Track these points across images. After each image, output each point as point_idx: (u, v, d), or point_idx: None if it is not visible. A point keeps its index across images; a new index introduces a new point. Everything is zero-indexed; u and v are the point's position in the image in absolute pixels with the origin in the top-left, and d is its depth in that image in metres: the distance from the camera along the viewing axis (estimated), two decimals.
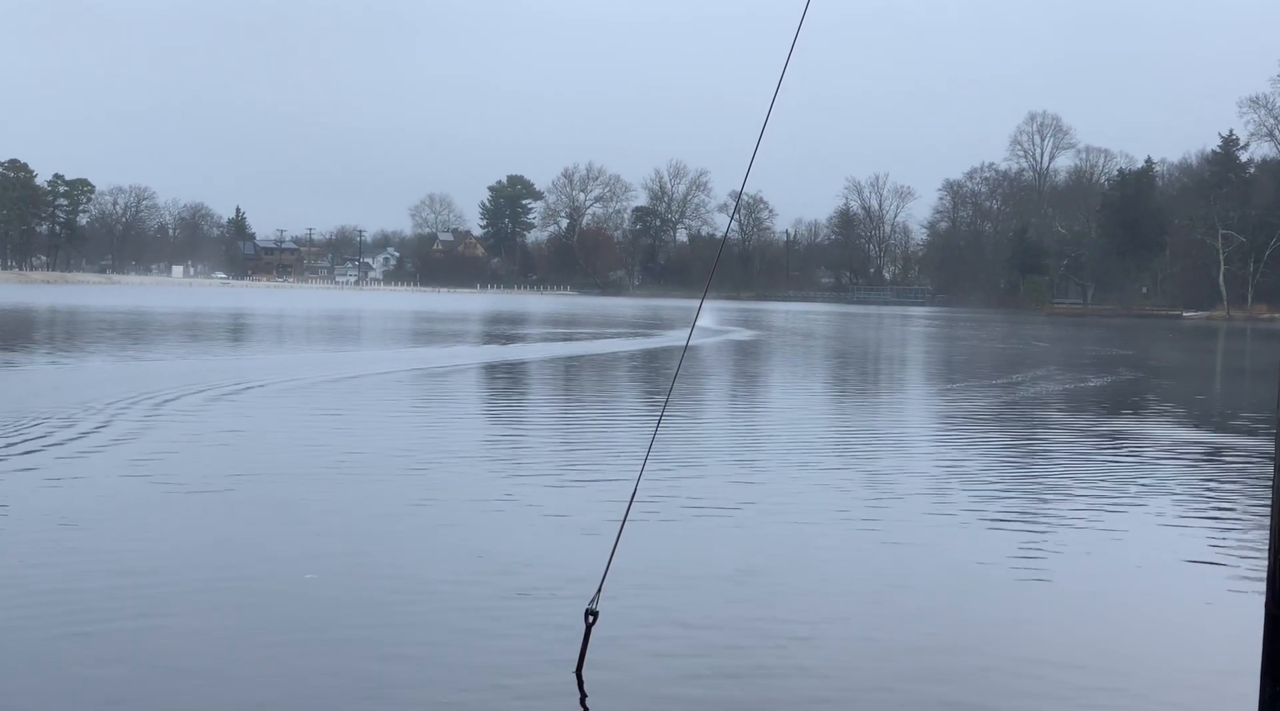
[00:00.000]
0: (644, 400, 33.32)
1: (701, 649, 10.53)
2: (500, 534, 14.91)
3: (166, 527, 14.69)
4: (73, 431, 22.32)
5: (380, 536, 14.56)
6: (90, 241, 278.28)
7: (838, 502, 17.70)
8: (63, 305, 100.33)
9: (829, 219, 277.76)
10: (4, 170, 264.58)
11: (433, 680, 9.63)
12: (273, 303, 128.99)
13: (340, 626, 10.93)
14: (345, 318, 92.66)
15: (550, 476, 19.29)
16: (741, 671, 10.04)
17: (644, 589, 12.21)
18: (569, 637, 10.18)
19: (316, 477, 18.57)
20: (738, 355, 56.37)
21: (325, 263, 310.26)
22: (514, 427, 26.33)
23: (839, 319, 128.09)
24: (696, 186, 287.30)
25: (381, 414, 27.38)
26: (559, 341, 65.19)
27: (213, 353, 48.07)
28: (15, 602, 11.24)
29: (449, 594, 12.04)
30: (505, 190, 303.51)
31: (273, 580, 12.37)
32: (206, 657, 9.96)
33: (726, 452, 22.57)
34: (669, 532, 15.15)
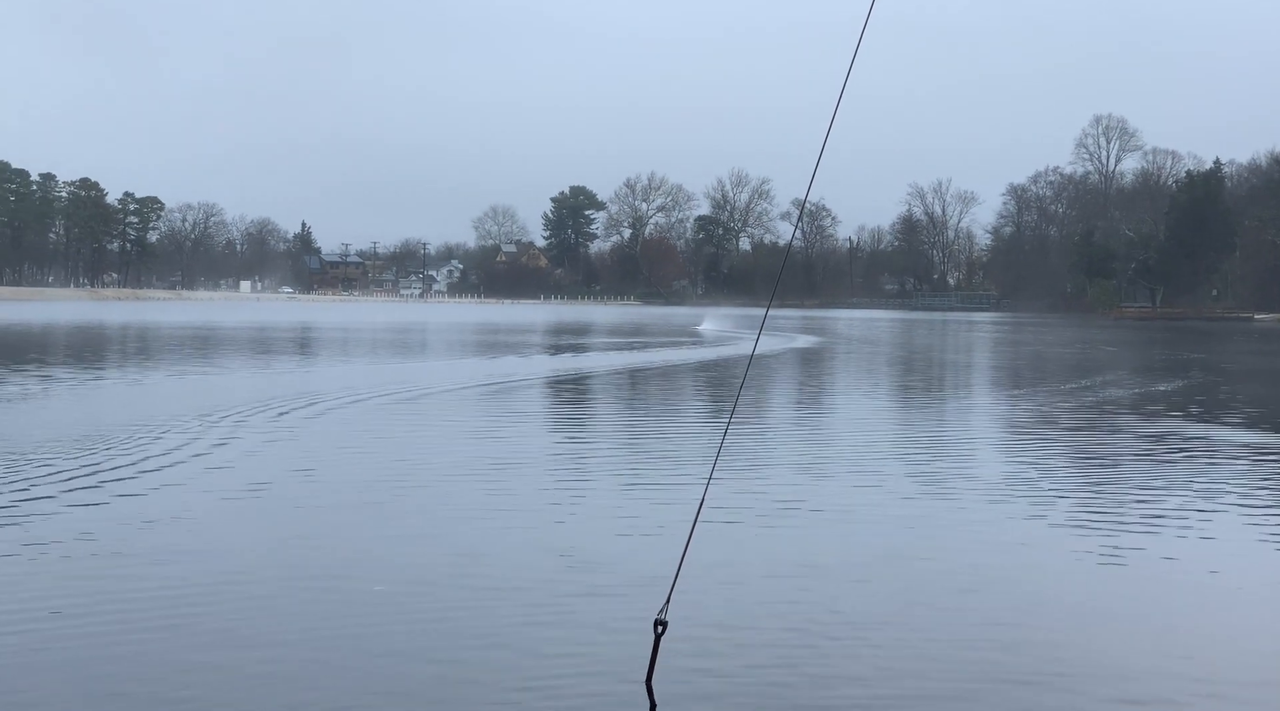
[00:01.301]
0: (710, 408, 33.34)
1: (771, 657, 10.54)
2: (571, 538, 14.99)
3: (262, 533, 14.93)
4: (201, 444, 22.73)
5: (450, 541, 14.71)
6: (160, 258, 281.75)
7: (904, 508, 17.65)
8: (149, 322, 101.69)
9: (892, 225, 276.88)
10: (76, 189, 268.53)
11: (500, 689, 9.72)
12: (342, 316, 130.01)
13: (409, 629, 11.05)
14: (415, 330, 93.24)
15: (619, 482, 19.39)
16: (813, 680, 10.05)
17: (712, 596, 12.24)
18: (637, 643, 10.24)
19: (401, 486, 18.79)
20: (802, 362, 56.24)
21: (390, 276, 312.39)
22: (586, 435, 26.42)
23: (903, 325, 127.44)
24: (759, 195, 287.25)
25: (459, 424, 27.62)
26: (626, 351, 65.29)
27: (298, 366, 48.56)
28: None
29: (517, 599, 12.13)
30: (568, 201, 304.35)
31: (350, 581, 12.53)
32: (272, 651, 10.14)
33: (792, 458, 22.56)
34: (737, 538, 15.17)
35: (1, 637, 10.73)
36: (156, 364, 47.90)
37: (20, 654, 10.34)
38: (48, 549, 14.02)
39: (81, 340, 69.33)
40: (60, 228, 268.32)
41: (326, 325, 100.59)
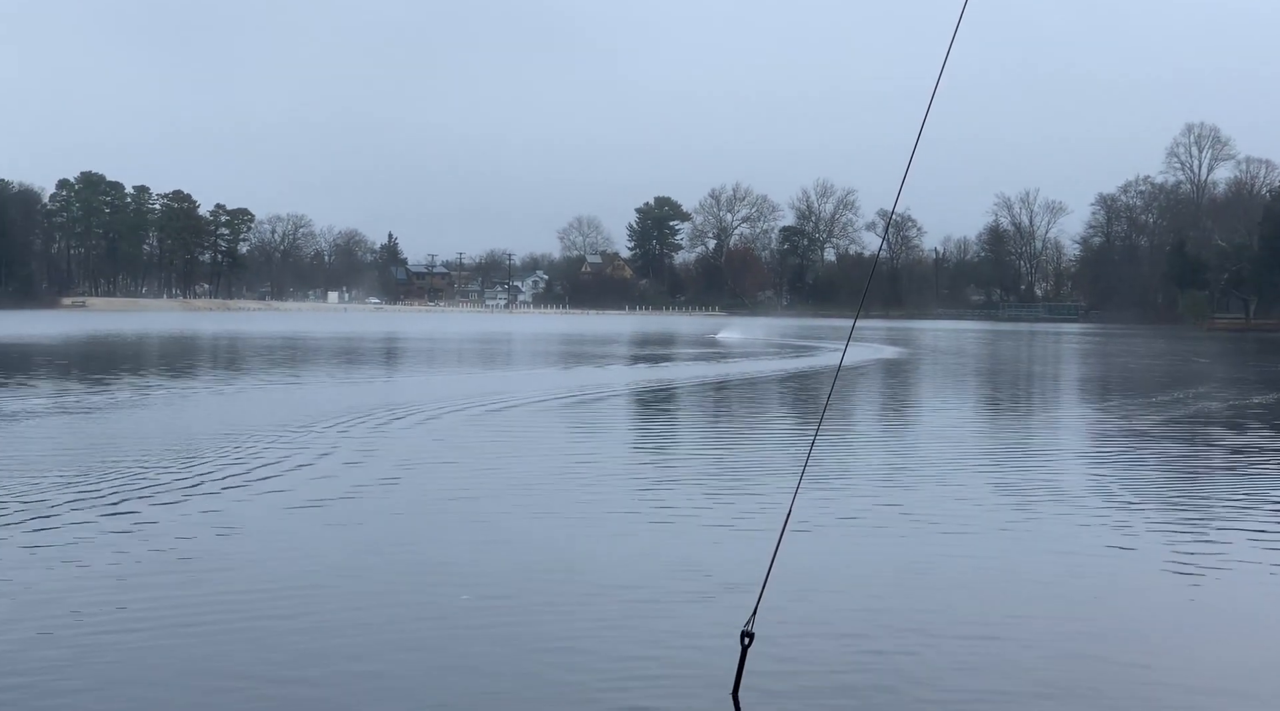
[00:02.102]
0: (795, 419, 33.33)
1: (858, 671, 10.57)
2: (658, 546, 15.12)
3: (356, 539, 15.22)
4: (305, 454, 23.17)
5: (536, 548, 14.88)
6: (250, 269, 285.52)
7: (991, 518, 17.61)
8: (243, 332, 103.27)
9: (978, 236, 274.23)
10: (169, 201, 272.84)
11: (584, 696, 9.83)
12: (428, 327, 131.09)
13: (491, 635, 11.21)
14: (501, 341, 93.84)
15: (705, 490, 19.48)
16: (901, 694, 10.07)
17: (799, 607, 12.30)
18: (723, 652, 10.32)
19: (490, 494, 19.03)
20: (889, 374, 55.98)
21: (475, 286, 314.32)
22: (672, 445, 26.53)
23: (990, 337, 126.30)
24: (844, 205, 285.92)
25: (546, 434, 27.87)
26: (712, 362, 65.30)
27: (390, 377, 49.17)
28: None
29: (602, 606, 12.27)
30: (653, 212, 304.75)
31: (438, 588, 12.73)
32: (371, 648, 10.34)
33: (879, 469, 22.55)
34: (824, 548, 15.22)
35: (123, 636, 11.06)
36: (255, 374, 48.70)
37: (145, 653, 10.64)
38: (165, 549, 14.40)
39: (180, 351, 70.57)
40: (154, 239, 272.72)
41: (414, 336, 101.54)
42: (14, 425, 27.94)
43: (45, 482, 19.36)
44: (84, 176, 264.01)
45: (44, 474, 20.26)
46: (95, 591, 12.69)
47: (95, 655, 10.63)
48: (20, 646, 10.80)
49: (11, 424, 28.19)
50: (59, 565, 13.79)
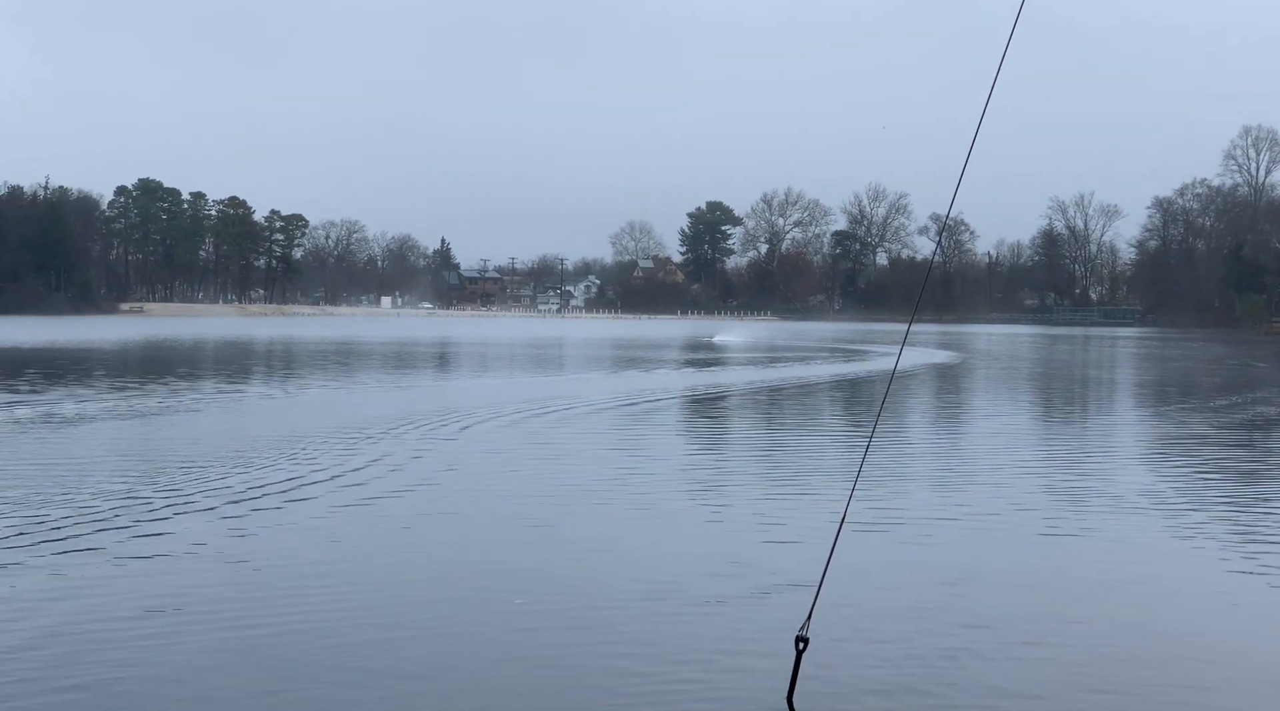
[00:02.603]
0: (848, 423, 33.26)
1: (913, 676, 10.57)
2: (713, 548, 15.16)
3: (412, 542, 15.38)
4: (369, 457, 23.40)
5: (591, 550, 14.96)
6: (304, 274, 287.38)
7: (1043, 522, 17.53)
8: (301, 337, 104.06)
9: (1032, 239, 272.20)
10: (224, 207, 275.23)
11: (637, 698, 9.88)
12: (482, 332, 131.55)
13: (538, 640, 11.29)
14: (559, 346, 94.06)
15: (760, 493, 19.50)
16: (955, 702, 10.06)
17: (853, 610, 12.31)
18: (777, 655, 10.34)
19: (548, 496, 19.14)
20: (943, 378, 55.71)
21: (527, 291, 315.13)
22: (727, 448, 26.56)
23: (1045, 341, 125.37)
24: (896, 209, 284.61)
25: (604, 438, 27.96)
26: (764, 367, 65.22)
27: (450, 382, 49.48)
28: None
29: (656, 608, 12.32)
30: (705, 216, 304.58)
31: (491, 592, 12.83)
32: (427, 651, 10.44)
33: (933, 473, 22.49)
34: (877, 551, 15.21)
35: (186, 634, 11.23)
36: (315, 379, 49.10)
37: (214, 645, 10.81)
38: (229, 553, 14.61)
39: (240, 356, 71.20)
40: (210, 245, 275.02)
41: (467, 341, 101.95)
42: (74, 429, 28.33)
43: (112, 486, 19.65)
44: (141, 183, 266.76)
45: (119, 475, 20.56)
46: (173, 588, 12.89)
47: (186, 649, 10.81)
48: (127, 637, 11.00)
49: (72, 427, 28.58)
50: (132, 562, 14.02)
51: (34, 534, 15.77)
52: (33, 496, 18.56)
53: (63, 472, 21.05)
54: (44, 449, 24.66)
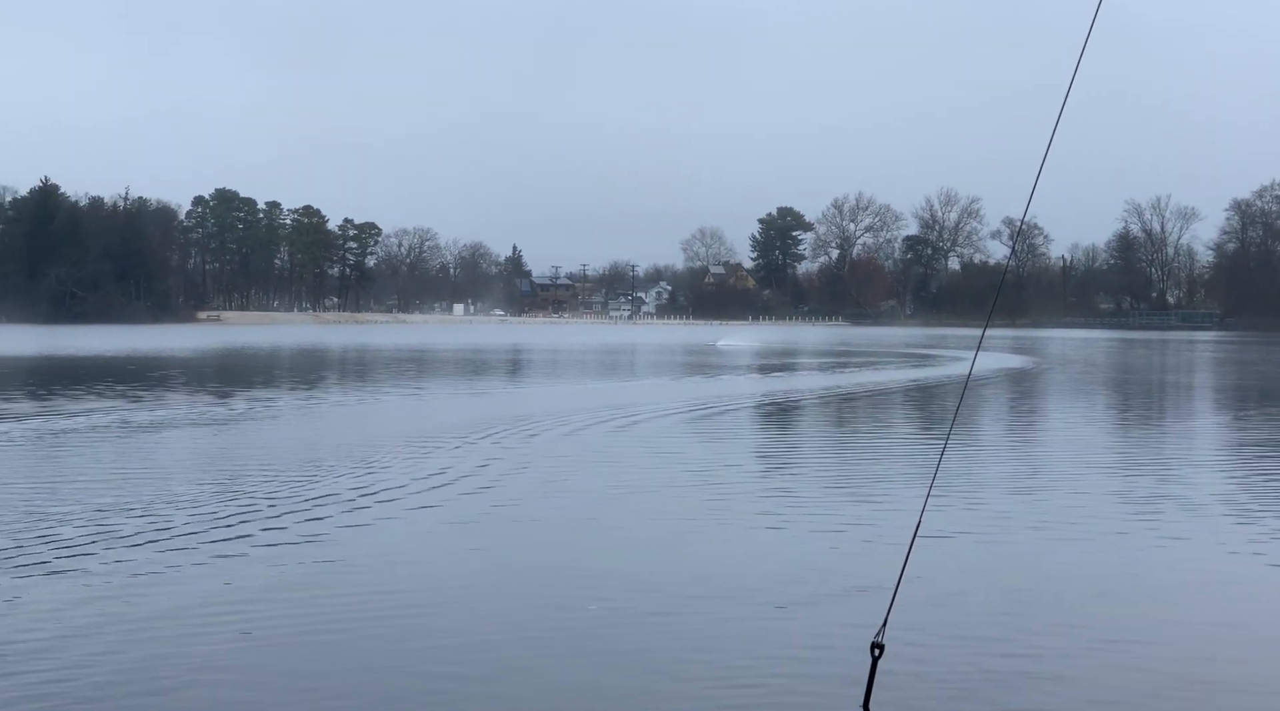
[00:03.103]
0: (921, 428, 33.11)
1: (989, 679, 10.53)
2: (787, 552, 15.17)
3: (490, 547, 15.54)
4: (448, 461, 23.65)
5: (667, 554, 15.02)
6: (377, 282, 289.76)
7: (1118, 526, 17.40)
8: (378, 345, 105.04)
9: (1107, 242, 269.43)
10: (299, 216, 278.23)
11: (711, 706, 9.92)
12: (555, 338, 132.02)
13: (607, 647, 11.35)
14: (630, 353, 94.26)
15: (834, 499, 19.48)
16: (1032, 705, 10.01)
17: (929, 615, 12.26)
18: (852, 662, 10.34)
19: (625, 502, 19.24)
20: (1017, 384, 55.25)
21: (599, 298, 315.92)
22: (802, 453, 26.53)
23: (1120, 346, 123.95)
24: (968, 213, 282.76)
25: (676, 443, 28.04)
26: (836, 372, 65.04)
27: (526, 388, 49.80)
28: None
29: (730, 612, 12.35)
30: (775, 222, 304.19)
31: (569, 595, 12.93)
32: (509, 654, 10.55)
33: (1007, 478, 22.35)
34: (951, 556, 15.15)
35: (283, 635, 11.41)
36: (395, 386, 49.58)
37: (308, 648, 10.98)
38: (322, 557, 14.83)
39: (320, 363, 72.01)
40: (285, 254, 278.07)
41: (539, 348, 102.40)
42: (154, 435, 28.79)
43: (205, 492, 19.96)
44: (218, 193, 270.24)
45: (197, 482, 20.89)
46: (262, 594, 13.08)
47: (274, 650, 11.00)
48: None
49: (149, 434, 29.05)
50: (219, 566, 14.25)
51: (105, 540, 16.06)
52: (117, 503, 18.90)
53: (143, 479, 21.42)
54: (125, 456, 25.08)
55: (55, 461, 24.18)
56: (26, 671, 10.48)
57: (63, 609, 12.49)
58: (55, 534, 16.34)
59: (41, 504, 18.80)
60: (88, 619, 12.12)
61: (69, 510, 18.20)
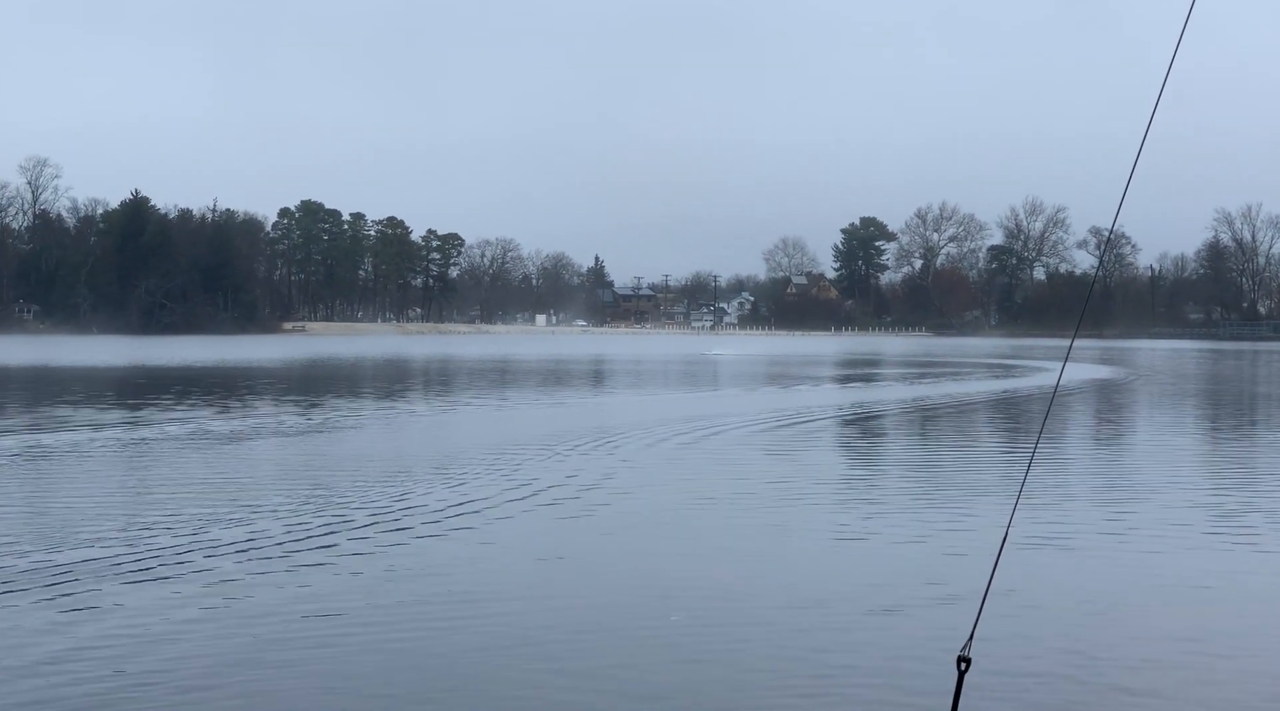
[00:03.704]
0: (1005, 439, 32.80)
1: (1076, 695, 10.42)
2: (872, 562, 15.11)
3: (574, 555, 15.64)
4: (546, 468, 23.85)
5: (754, 564, 15.01)
6: (460, 292, 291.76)
7: (1206, 539, 17.16)
8: (463, 355, 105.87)
9: (1196, 252, 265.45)
10: (383, 227, 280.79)
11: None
12: (638, 349, 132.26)
13: (692, 656, 11.35)
14: (712, 364, 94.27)
15: (919, 508, 19.36)
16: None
17: (1014, 628, 12.15)
18: (937, 676, 10.27)
19: (709, 512, 19.26)
20: (1106, 394, 54.56)
21: (681, 308, 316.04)
22: (886, 464, 26.40)
23: (1211, 356, 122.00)
24: (1054, 223, 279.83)
25: (761, 454, 28.02)
26: (916, 384, 64.63)
27: (606, 398, 50.02)
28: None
29: (815, 621, 12.31)
30: (858, 232, 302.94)
31: (651, 606, 12.95)
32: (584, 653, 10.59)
33: (1091, 488, 22.12)
34: (1036, 568, 14.99)
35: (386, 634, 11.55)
36: (483, 396, 49.96)
37: (400, 645, 11.10)
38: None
39: (411, 373, 72.70)
40: (369, 264, 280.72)
41: (623, 358, 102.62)
42: (242, 445, 29.22)
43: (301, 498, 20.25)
44: (304, 204, 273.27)
45: (285, 491, 21.18)
46: (359, 596, 13.25)
47: (371, 649, 11.13)
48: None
49: (240, 444, 29.48)
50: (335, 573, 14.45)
51: (199, 549, 16.32)
52: (211, 512, 19.21)
53: (238, 488, 21.76)
54: (213, 466, 25.48)
55: (153, 470, 24.61)
56: (122, 674, 10.70)
57: (165, 612, 12.71)
58: (154, 541, 16.63)
59: (142, 512, 19.14)
60: (188, 625, 12.33)
61: (165, 517, 18.52)
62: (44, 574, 14.52)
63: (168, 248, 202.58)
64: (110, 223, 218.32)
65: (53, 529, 17.54)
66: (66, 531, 17.29)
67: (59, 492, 21.35)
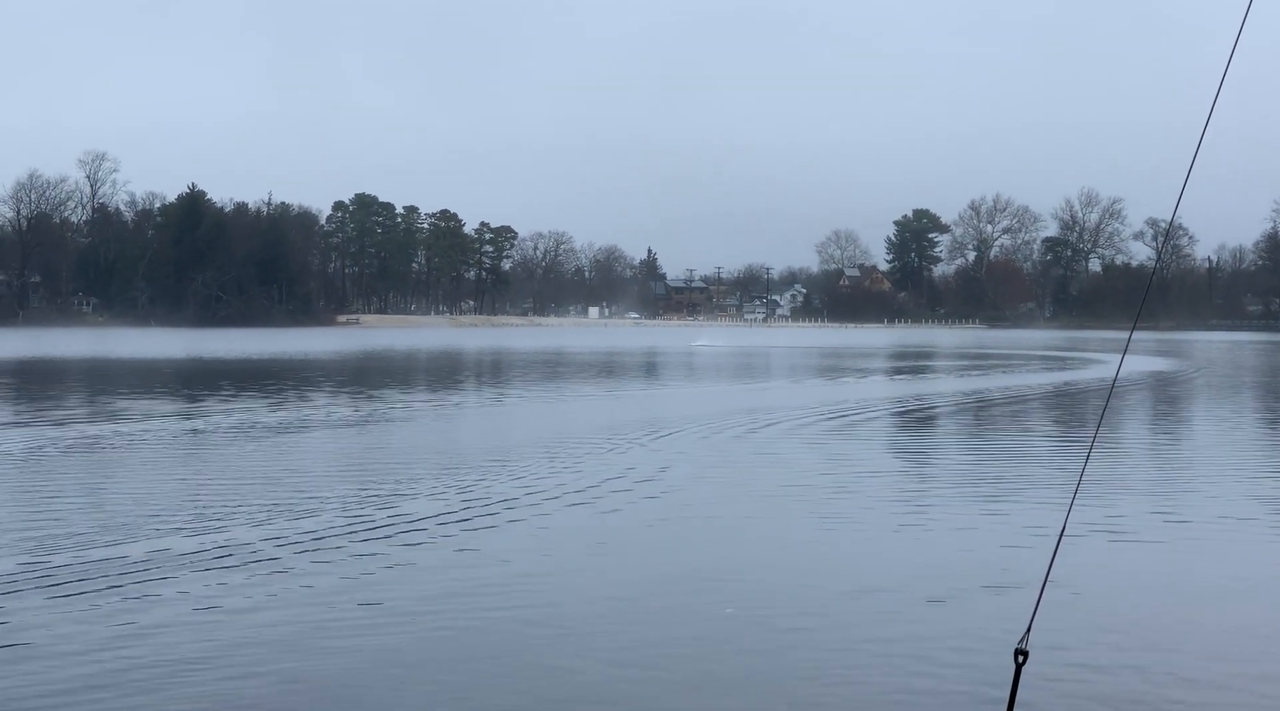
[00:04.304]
0: (1063, 431, 32.60)
1: (1135, 688, 10.39)
2: (926, 554, 15.09)
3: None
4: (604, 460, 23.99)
5: (808, 557, 15.04)
6: (512, 285, 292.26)
7: (1265, 532, 17.02)
8: (521, 348, 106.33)
9: (1255, 243, 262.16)
10: (436, 220, 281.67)
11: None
12: (691, 340, 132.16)
13: (748, 647, 11.40)
14: (765, 356, 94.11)
15: (975, 501, 19.31)
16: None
17: (1072, 620, 12.12)
18: (993, 668, 10.27)
19: (762, 504, 19.30)
20: (1164, 387, 54.08)
21: (733, 301, 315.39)
22: (940, 457, 26.31)
23: (1269, 348, 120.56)
24: (1110, 214, 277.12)
25: (815, 447, 28.01)
26: (970, 375, 64.29)
27: (683, 389, 50.11)
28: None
29: (869, 610, 12.33)
30: (911, 224, 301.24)
31: (705, 599, 13.01)
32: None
33: (1154, 481, 21.99)
34: (1094, 561, 14.94)
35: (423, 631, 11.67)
36: (538, 388, 50.17)
37: (439, 642, 11.22)
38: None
39: (465, 366, 73.04)
40: (422, 257, 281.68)
41: (675, 350, 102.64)
42: (305, 436, 29.50)
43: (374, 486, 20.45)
44: (357, 197, 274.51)
45: (340, 481, 21.40)
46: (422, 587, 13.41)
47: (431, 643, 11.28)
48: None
49: (296, 435, 29.77)
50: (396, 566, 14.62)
51: (242, 552, 16.52)
52: (274, 503, 19.43)
53: (298, 480, 22.01)
54: (271, 458, 25.76)
55: (218, 461, 24.91)
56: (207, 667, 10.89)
57: (236, 598, 12.91)
58: (222, 532, 16.86)
59: (209, 502, 19.40)
60: (256, 612, 12.53)
61: (232, 508, 18.77)
62: (115, 564, 14.75)
63: (223, 241, 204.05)
64: (167, 216, 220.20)
65: (124, 518, 17.80)
66: (136, 520, 17.57)
67: (125, 482, 21.66)
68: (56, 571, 14.18)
